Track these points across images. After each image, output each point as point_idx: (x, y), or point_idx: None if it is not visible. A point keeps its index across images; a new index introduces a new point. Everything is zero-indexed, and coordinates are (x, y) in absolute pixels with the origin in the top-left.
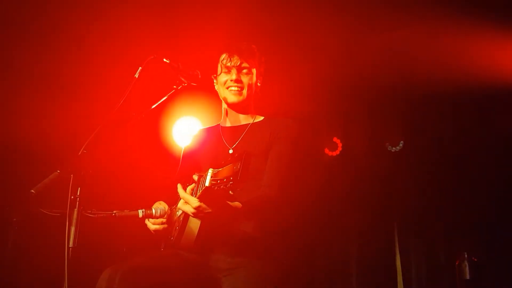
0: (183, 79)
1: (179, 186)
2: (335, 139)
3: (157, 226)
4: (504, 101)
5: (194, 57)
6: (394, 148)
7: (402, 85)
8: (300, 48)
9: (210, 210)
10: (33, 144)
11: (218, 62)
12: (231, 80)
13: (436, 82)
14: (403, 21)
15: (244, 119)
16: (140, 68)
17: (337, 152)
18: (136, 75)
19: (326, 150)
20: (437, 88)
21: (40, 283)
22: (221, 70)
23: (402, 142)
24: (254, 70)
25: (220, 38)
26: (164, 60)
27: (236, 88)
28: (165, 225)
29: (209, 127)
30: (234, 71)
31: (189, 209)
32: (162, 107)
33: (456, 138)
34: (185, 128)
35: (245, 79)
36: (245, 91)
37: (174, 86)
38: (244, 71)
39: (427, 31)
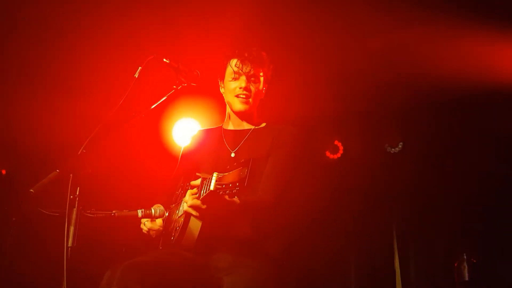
0: (182, 79)
1: (188, 192)
2: (336, 142)
3: (152, 228)
4: (504, 103)
5: (194, 58)
6: (393, 149)
7: (402, 86)
8: (300, 50)
9: (211, 213)
10: (32, 143)
11: (225, 65)
12: (240, 88)
13: (435, 83)
14: (403, 22)
15: (246, 124)
16: (140, 68)
17: (338, 155)
18: (136, 75)
19: (328, 153)
20: (436, 89)
21: (39, 283)
22: (230, 76)
23: (401, 143)
24: (261, 78)
25: (220, 38)
26: (164, 60)
27: (244, 97)
28: (160, 228)
29: (211, 129)
30: (243, 78)
31: (192, 211)
32: (162, 108)
33: (456, 139)
34: (185, 129)
35: (253, 87)
36: (251, 100)
37: (174, 86)
38: (253, 79)
39: (427, 32)
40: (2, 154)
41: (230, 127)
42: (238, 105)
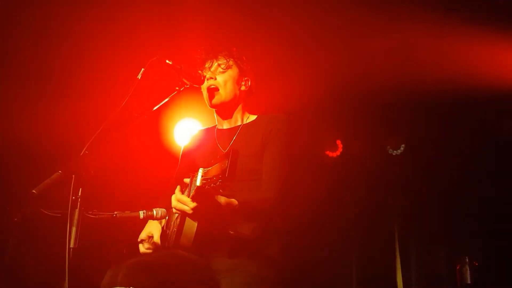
0: (185, 81)
1: (177, 188)
2: (337, 141)
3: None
4: (506, 105)
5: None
6: (395, 151)
7: (404, 89)
8: (303, 49)
9: (204, 211)
10: (35, 144)
11: None
12: (206, 79)
13: (438, 85)
14: (406, 23)
15: (237, 120)
16: (142, 69)
17: (338, 153)
18: (139, 76)
19: (327, 152)
20: (439, 91)
21: (41, 283)
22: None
23: (403, 145)
24: (233, 66)
25: (223, 39)
26: (167, 61)
27: (211, 86)
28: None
29: (206, 128)
30: (209, 72)
31: (185, 210)
32: (164, 109)
33: (457, 142)
34: (186, 130)
35: (220, 77)
36: (222, 91)
37: (177, 88)
38: (220, 69)
39: (429, 34)
40: (3, 154)
41: (221, 126)
42: (206, 97)
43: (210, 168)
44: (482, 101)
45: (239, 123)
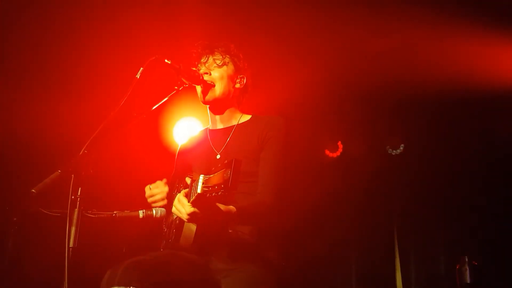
0: (184, 80)
1: (182, 191)
2: (338, 143)
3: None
4: (505, 105)
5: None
6: (394, 151)
7: (404, 89)
8: (304, 50)
9: (202, 216)
10: (34, 144)
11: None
12: (201, 75)
13: (438, 85)
14: (406, 23)
15: (230, 120)
16: (141, 68)
17: (338, 153)
18: (138, 76)
19: (327, 152)
20: (439, 91)
21: (40, 283)
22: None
23: (402, 145)
24: (229, 63)
25: (221, 39)
26: (166, 61)
27: (207, 80)
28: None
29: (201, 130)
30: (203, 67)
31: (183, 215)
32: (164, 108)
33: (457, 141)
34: (185, 129)
35: (215, 73)
36: (216, 87)
37: (176, 87)
38: (215, 65)
39: (429, 34)
40: (2, 153)
41: (214, 126)
42: (199, 92)
43: (211, 176)
44: (482, 101)
45: (233, 123)
